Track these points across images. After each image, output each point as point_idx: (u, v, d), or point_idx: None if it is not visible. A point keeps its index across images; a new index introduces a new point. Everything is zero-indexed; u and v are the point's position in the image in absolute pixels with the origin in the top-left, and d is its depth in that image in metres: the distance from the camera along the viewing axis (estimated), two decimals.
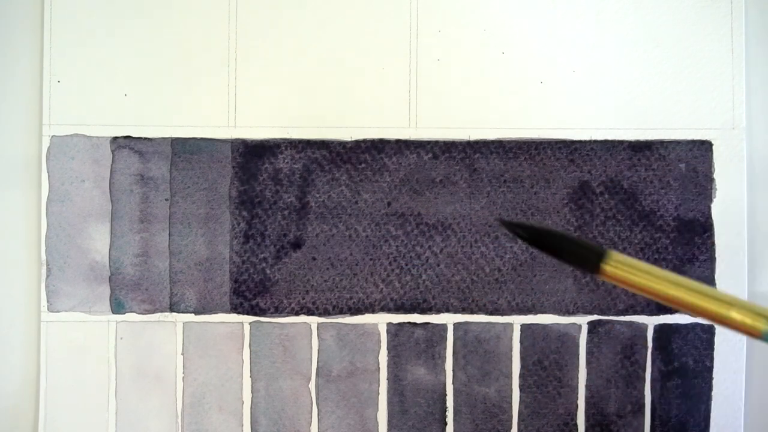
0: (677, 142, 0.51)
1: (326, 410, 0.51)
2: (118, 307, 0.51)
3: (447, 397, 0.51)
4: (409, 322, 0.51)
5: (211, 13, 0.52)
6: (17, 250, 0.52)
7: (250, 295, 0.51)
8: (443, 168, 0.51)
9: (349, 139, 0.51)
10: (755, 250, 0.52)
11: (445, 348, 0.51)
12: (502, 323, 0.51)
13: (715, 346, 0.51)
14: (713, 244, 0.51)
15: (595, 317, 0.51)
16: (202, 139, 0.51)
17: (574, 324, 0.51)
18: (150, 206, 0.51)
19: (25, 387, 0.52)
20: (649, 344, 0.51)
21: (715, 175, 0.51)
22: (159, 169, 0.51)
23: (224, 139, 0.51)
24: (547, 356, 0.51)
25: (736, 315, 0.32)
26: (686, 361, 0.51)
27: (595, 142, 0.51)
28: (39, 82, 0.52)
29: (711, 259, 0.51)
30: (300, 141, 0.51)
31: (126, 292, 0.51)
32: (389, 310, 0.51)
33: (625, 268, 0.33)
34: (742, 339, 0.51)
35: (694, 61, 0.52)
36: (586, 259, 0.33)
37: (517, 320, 0.51)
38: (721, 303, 0.32)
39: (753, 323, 0.32)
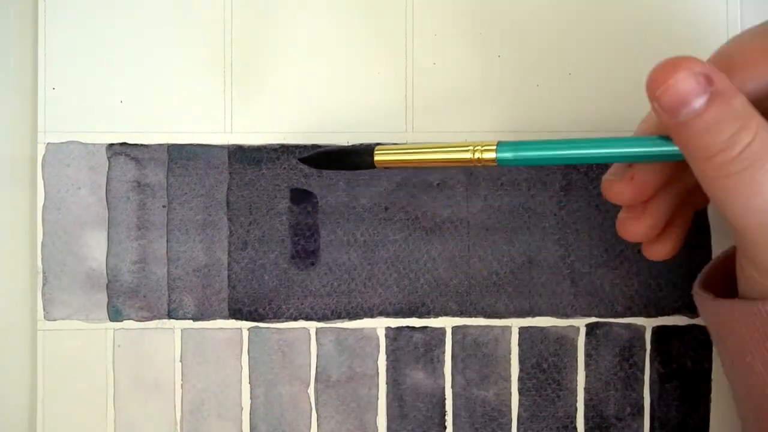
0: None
1: (325, 415, 0.51)
2: (115, 314, 0.51)
3: (446, 401, 0.51)
4: (408, 326, 0.51)
5: (207, 18, 0.51)
6: (13, 259, 0.52)
7: (248, 300, 0.51)
8: (440, 171, 0.51)
9: (346, 144, 0.51)
10: None
11: (443, 352, 0.51)
12: (500, 326, 0.51)
13: (713, 348, 0.51)
14: (710, 246, 0.51)
15: (593, 319, 0.51)
16: (198, 145, 0.51)
17: (572, 326, 0.51)
18: (147, 213, 0.51)
19: (22, 396, 0.52)
20: (648, 346, 0.51)
21: None
22: (156, 176, 0.51)
23: (221, 145, 0.51)
24: (545, 359, 0.51)
25: (470, 155, 0.40)
26: (685, 363, 0.51)
27: None
28: (34, 88, 0.52)
29: (708, 261, 0.51)
30: (297, 146, 0.51)
31: (123, 300, 0.51)
32: (388, 315, 0.51)
33: (388, 152, 0.42)
34: None
35: None
36: (362, 160, 0.43)
37: (515, 323, 0.51)
38: (459, 150, 0.40)
39: (483, 156, 0.39)
